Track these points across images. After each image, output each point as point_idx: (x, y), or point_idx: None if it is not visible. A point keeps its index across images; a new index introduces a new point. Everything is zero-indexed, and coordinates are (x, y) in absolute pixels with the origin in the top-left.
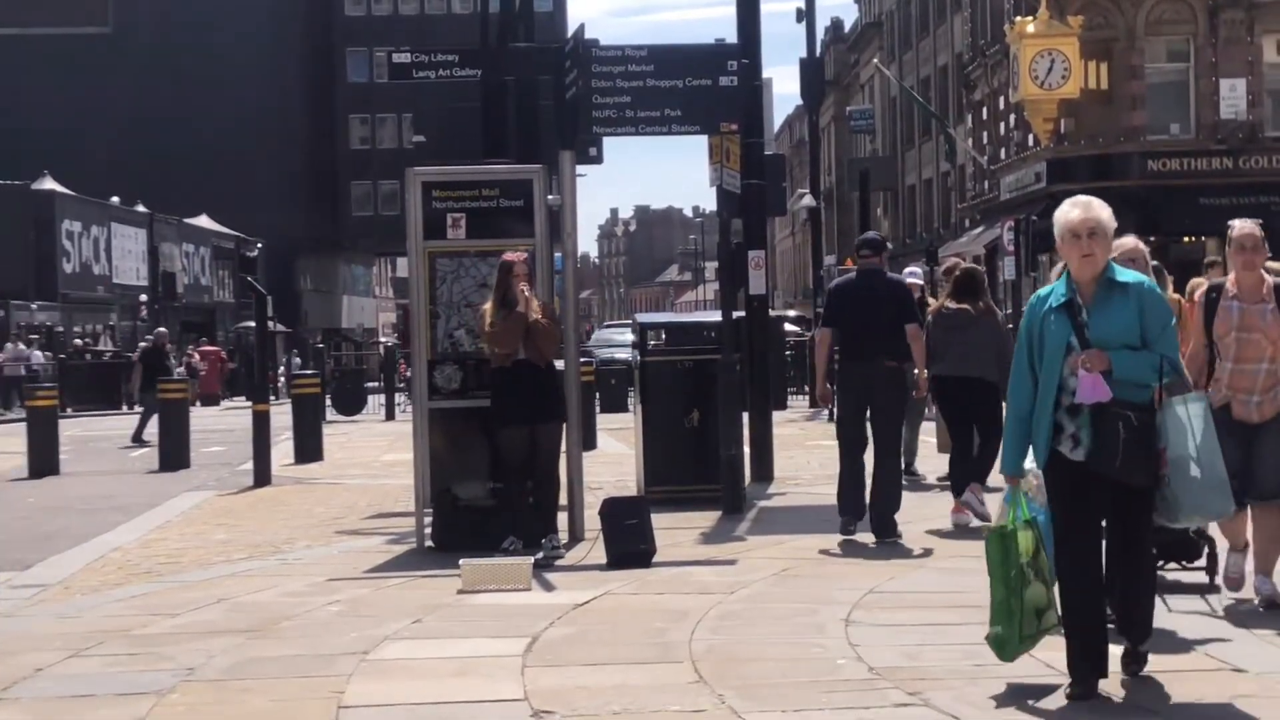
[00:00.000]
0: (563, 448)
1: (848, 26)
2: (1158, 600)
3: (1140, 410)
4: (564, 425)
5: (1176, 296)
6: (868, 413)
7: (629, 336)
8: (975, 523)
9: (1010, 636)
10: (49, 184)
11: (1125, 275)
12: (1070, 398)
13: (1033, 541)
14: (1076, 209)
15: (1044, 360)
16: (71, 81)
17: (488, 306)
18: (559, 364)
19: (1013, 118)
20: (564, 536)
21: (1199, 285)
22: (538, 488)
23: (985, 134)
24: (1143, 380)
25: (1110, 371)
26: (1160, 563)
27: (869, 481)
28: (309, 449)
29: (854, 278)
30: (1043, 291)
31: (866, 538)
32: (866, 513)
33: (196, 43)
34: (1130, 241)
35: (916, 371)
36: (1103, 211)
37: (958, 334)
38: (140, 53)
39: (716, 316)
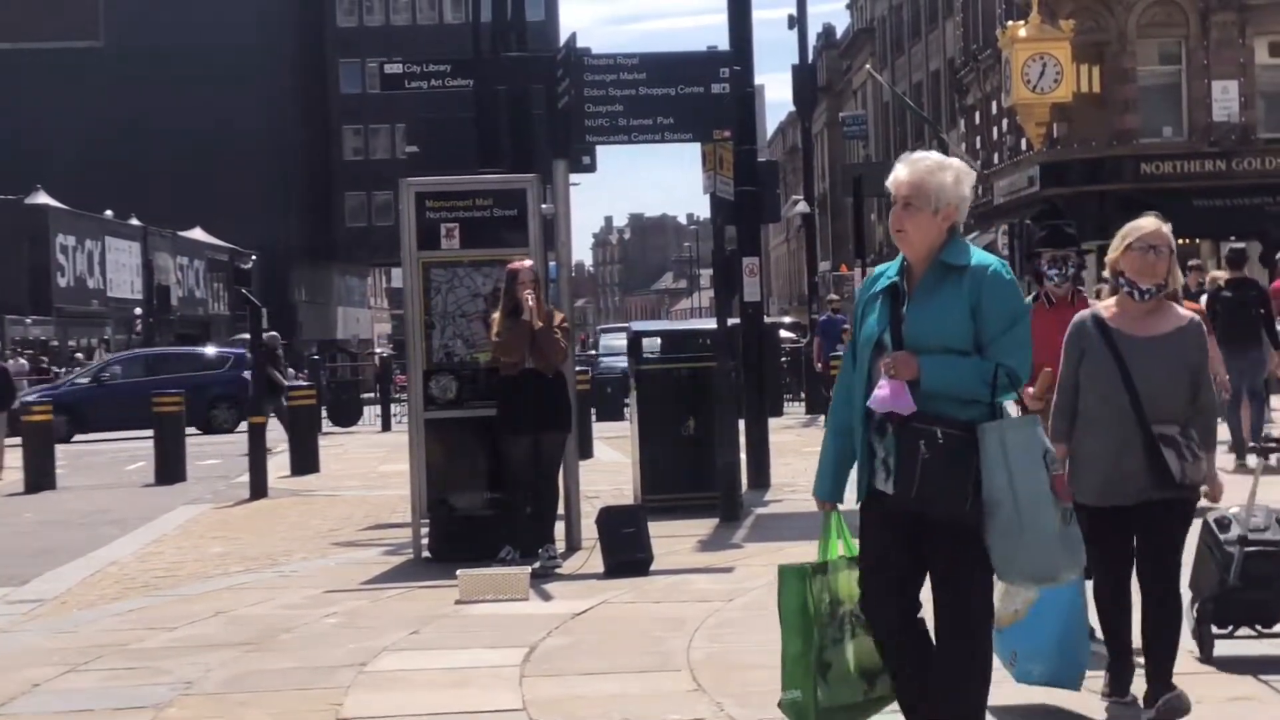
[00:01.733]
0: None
1: (840, 32)
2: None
3: (958, 426)
4: (568, 436)
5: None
6: None
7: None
8: None
9: (806, 706)
10: (42, 198)
11: (965, 256)
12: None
13: (853, 586)
14: (904, 168)
15: (856, 360)
16: (64, 95)
17: (497, 315)
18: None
19: (1005, 122)
20: (561, 546)
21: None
22: (537, 497)
23: (978, 139)
24: (964, 394)
25: (918, 382)
26: (1229, 628)
27: None
28: (305, 461)
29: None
30: (877, 270)
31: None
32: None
33: (188, 55)
34: (1149, 224)
35: None
36: (933, 173)
37: None
38: (132, 66)
39: (712, 324)
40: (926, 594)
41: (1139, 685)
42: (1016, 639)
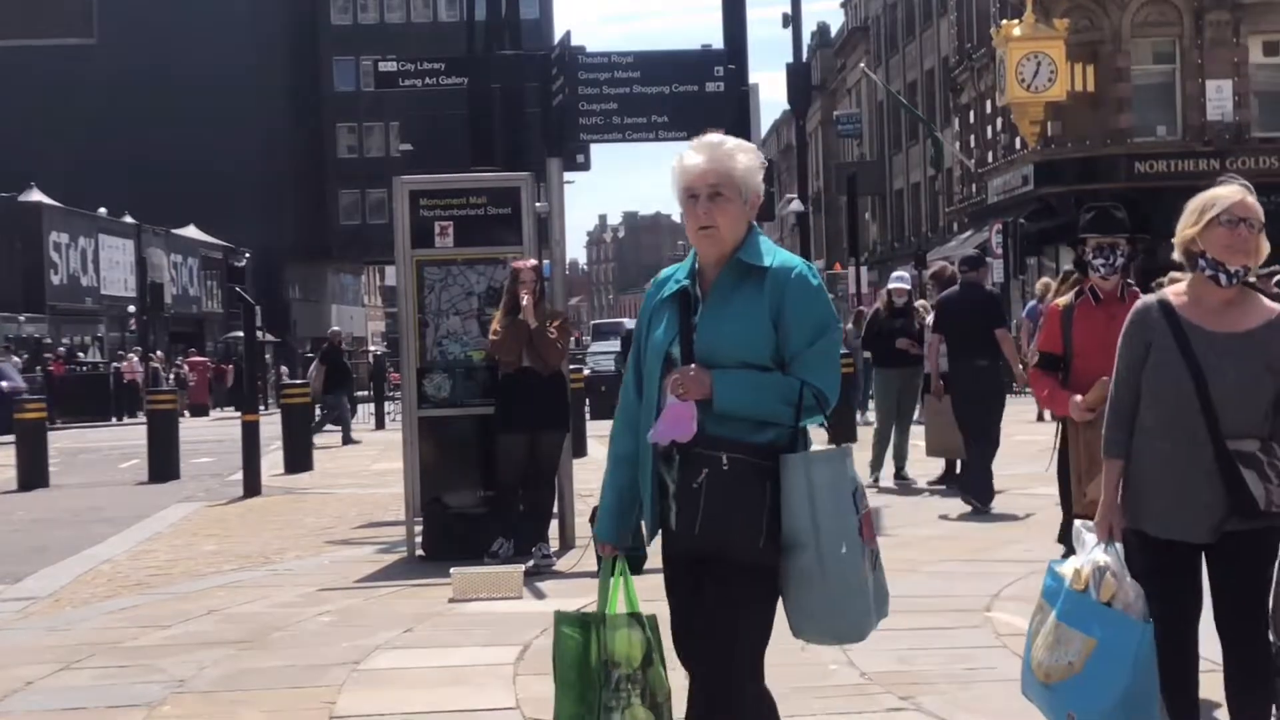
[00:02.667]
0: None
1: (834, 31)
2: None
3: (748, 451)
4: (565, 435)
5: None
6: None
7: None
8: None
9: None
10: (36, 196)
11: (766, 256)
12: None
13: (640, 647)
14: (699, 155)
15: (645, 377)
16: (57, 93)
17: (497, 313)
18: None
19: (999, 121)
20: (555, 544)
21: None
22: (534, 495)
23: (972, 137)
24: (764, 416)
25: (711, 401)
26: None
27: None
28: (299, 459)
29: (957, 291)
30: (664, 273)
31: None
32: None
33: (182, 53)
34: (1233, 193)
35: (1015, 369)
36: (737, 158)
37: None
38: (126, 64)
39: None
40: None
41: None
42: (1072, 698)
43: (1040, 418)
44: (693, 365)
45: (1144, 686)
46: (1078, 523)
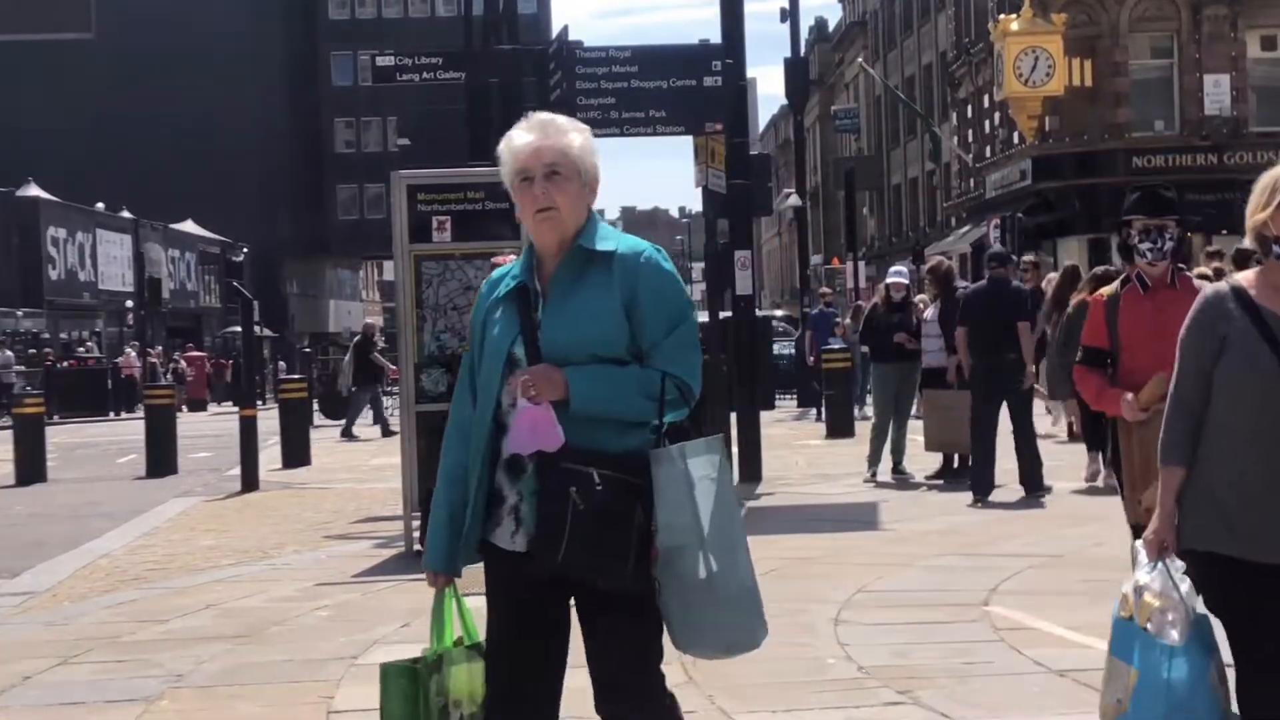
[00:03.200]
0: None
1: (832, 26)
2: None
3: (617, 465)
4: None
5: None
6: (998, 396)
7: None
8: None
9: None
10: (33, 190)
11: (610, 240)
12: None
13: (475, 682)
14: (530, 134)
15: (477, 385)
16: (55, 87)
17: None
18: None
19: (997, 115)
20: None
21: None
22: None
23: (970, 132)
24: (626, 414)
25: (567, 402)
26: None
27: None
28: (296, 454)
29: (984, 286)
30: (496, 272)
31: (859, 535)
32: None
33: (179, 48)
34: None
35: (1028, 369)
36: (571, 135)
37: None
38: (123, 58)
39: (703, 317)
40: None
41: None
42: None
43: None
44: (541, 364)
45: None
46: (1134, 543)
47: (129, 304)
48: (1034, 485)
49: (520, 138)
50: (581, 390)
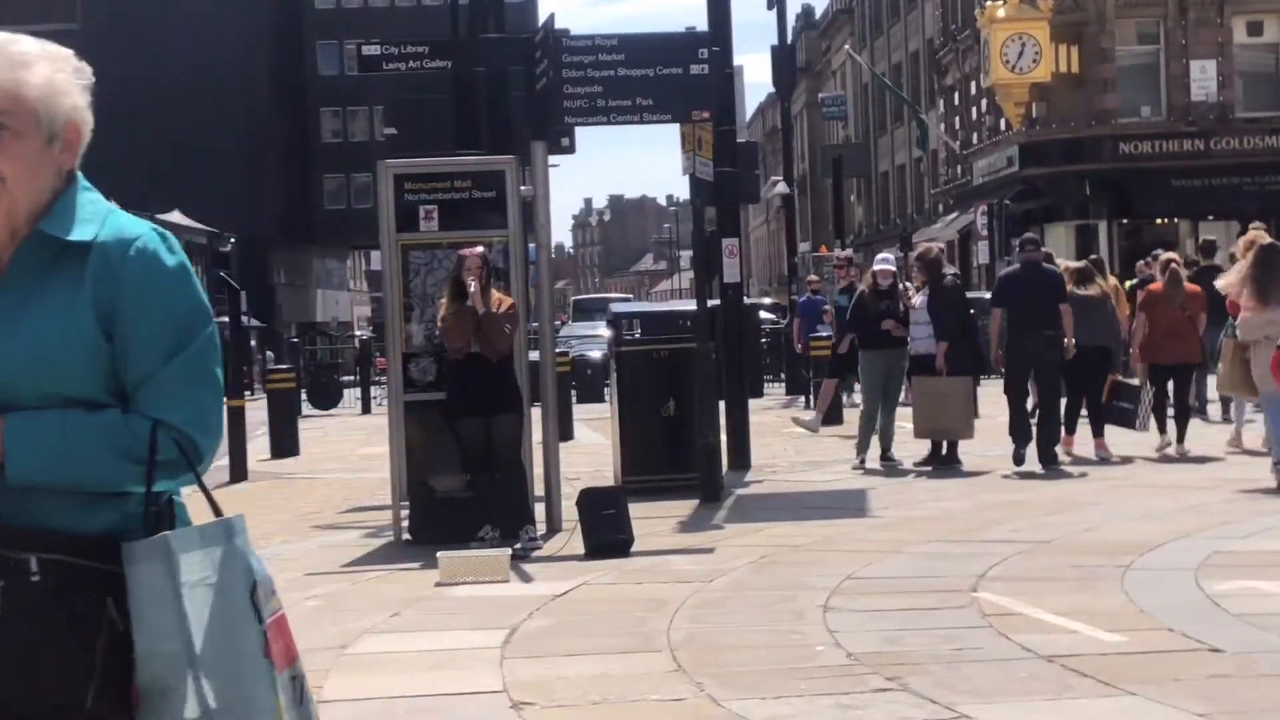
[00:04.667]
0: (537, 439)
1: (819, 13)
2: None
3: (73, 548)
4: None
5: (1114, 285)
6: (1031, 372)
7: (599, 330)
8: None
9: None
10: None
11: (88, 224)
12: None
13: None
14: None
15: None
16: None
17: (444, 300)
18: (534, 356)
19: (984, 102)
20: (542, 527)
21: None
22: (504, 480)
23: (957, 119)
24: (90, 483)
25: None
26: None
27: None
28: (285, 444)
29: (1019, 269)
30: None
31: (848, 522)
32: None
33: (165, 38)
34: None
35: (1068, 340)
36: (34, 67)
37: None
38: (109, 49)
39: (692, 305)
40: None
41: None
42: None
43: None
44: None
45: None
46: None
47: None
48: (1049, 459)
49: None
50: (20, 451)
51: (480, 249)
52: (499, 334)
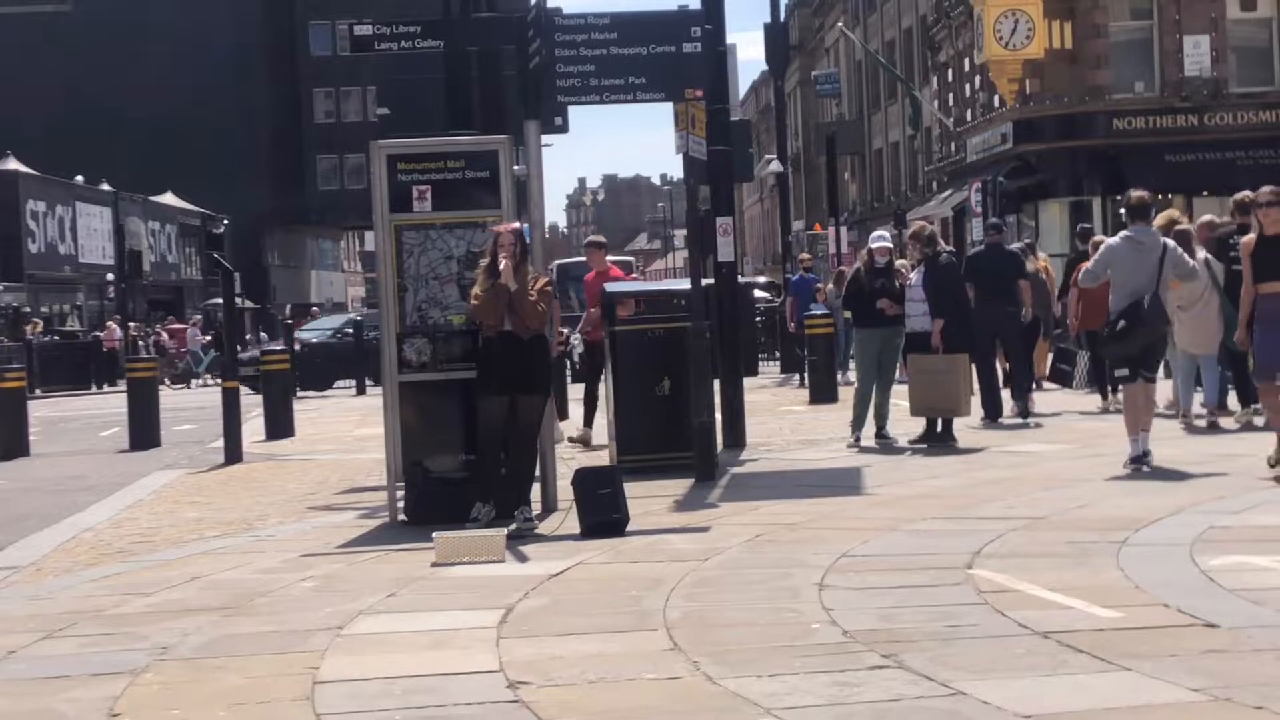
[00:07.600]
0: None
1: None
2: None
3: None
4: (545, 398)
5: (1044, 264)
6: (996, 340)
7: None
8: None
9: None
10: (12, 164)
11: None
12: None
13: None
14: None
15: None
16: (33, 61)
17: (479, 277)
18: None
19: (978, 79)
20: (537, 507)
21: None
22: (513, 458)
23: (950, 96)
24: None
25: None
26: None
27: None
28: (280, 425)
29: (984, 249)
30: None
31: (843, 500)
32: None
33: (157, 19)
34: None
35: (1025, 309)
36: None
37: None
38: (101, 30)
39: (686, 284)
40: None
41: None
42: None
43: None
44: None
45: None
46: None
47: (110, 277)
48: (1024, 411)
49: None
50: None
51: (516, 225)
52: (531, 311)
